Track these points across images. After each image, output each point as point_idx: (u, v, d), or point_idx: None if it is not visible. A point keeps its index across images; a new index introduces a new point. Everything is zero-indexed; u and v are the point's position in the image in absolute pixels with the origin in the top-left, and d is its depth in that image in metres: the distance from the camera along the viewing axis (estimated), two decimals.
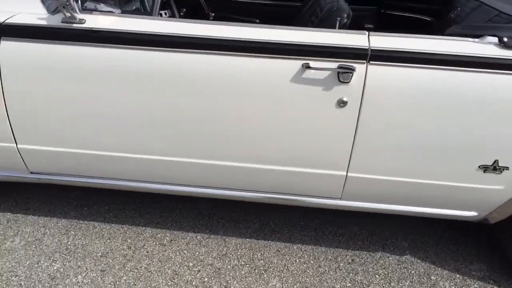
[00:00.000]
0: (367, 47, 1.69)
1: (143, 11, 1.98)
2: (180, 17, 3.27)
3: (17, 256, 1.99)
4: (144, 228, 2.25)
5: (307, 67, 1.69)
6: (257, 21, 3.20)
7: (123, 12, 1.87)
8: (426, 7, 3.12)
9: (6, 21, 1.75)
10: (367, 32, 1.75)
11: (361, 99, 1.73)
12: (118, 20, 1.79)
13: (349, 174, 1.89)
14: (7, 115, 1.85)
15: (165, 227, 2.26)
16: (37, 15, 1.79)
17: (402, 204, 1.99)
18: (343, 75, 1.70)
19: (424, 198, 1.94)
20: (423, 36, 1.74)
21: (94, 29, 1.74)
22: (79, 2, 1.71)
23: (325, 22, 2.01)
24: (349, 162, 1.86)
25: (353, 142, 1.81)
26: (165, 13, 2.43)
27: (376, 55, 1.69)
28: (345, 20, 1.94)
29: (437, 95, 1.70)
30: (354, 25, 3.01)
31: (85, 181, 2.05)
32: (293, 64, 1.71)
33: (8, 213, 2.27)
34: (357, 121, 1.77)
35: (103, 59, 1.75)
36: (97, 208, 2.37)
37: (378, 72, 1.70)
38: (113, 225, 2.25)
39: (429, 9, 3.11)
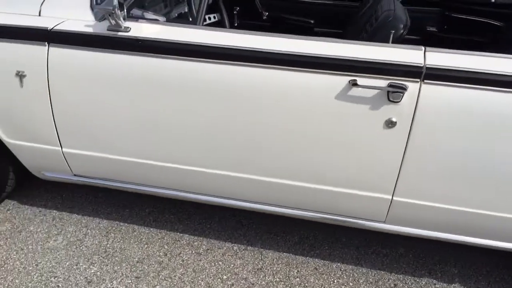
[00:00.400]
0: (422, 65, 1.56)
1: (189, 17, 1.94)
2: (233, 16, 3.25)
3: (58, 256, 2.04)
4: (181, 234, 2.24)
5: (354, 84, 1.59)
6: (312, 21, 3.10)
7: (168, 20, 1.84)
8: (495, 10, 2.88)
9: (55, 28, 1.78)
10: (423, 48, 1.61)
11: (412, 120, 1.60)
12: (163, 29, 1.76)
13: (394, 198, 1.77)
14: (54, 119, 1.89)
15: (203, 235, 2.24)
16: (84, 22, 1.80)
17: (451, 232, 1.84)
18: (393, 94, 1.58)
19: (477, 229, 1.79)
20: (486, 54, 1.59)
21: (138, 38, 1.72)
22: (125, 10, 1.70)
23: (379, 32, 1.88)
24: (395, 185, 1.74)
25: (401, 165, 1.69)
26: (214, 17, 2.38)
27: (432, 73, 1.55)
28: (401, 31, 1.80)
29: (498, 119, 1.54)
30: (416, 27, 2.85)
31: (126, 187, 2.07)
32: (339, 80, 1.61)
33: (55, 211, 2.34)
34: (406, 143, 1.64)
35: (147, 68, 1.73)
36: (138, 211, 2.39)
37: (433, 92, 1.57)
38: (152, 229, 2.26)
39: (499, 12, 2.87)
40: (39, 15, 1.85)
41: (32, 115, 1.90)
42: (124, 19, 1.70)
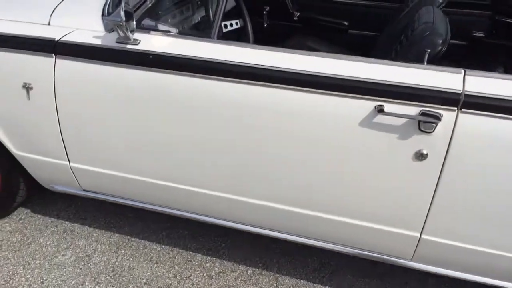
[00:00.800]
0: (460, 91, 1.36)
1: (203, 28, 1.81)
2: (263, 16, 3.09)
3: (64, 274, 1.97)
4: (194, 254, 2.12)
5: (380, 110, 1.41)
6: (346, 23, 2.90)
7: (182, 31, 1.71)
8: None
9: (62, 39, 1.68)
10: (462, 71, 1.41)
11: (446, 153, 1.41)
12: (174, 42, 1.63)
13: (423, 236, 1.58)
14: (61, 133, 1.80)
15: (216, 255, 2.12)
16: (94, 33, 1.69)
17: (486, 276, 1.64)
18: (425, 124, 1.39)
19: None
20: None
21: (147, 52, 1.60)
22: (134, 22, 1.58)
23: (414, 48, 1.68)
24: (424, 223, 1.55)
25: (431, 201, 1.50)
26: (236, 23, 2.24)
27: (472, 101, 1.36)
28: (439, 48, 1.59)
29: None
30: (462, 31, 2.61)
31: (135, 204, 1.97)
32: (364, 105, 1.44)
33: (67, 222, 2.28)
34: (438, 178, 1.46)
35: (156, 83, 1.61)
36: (151, 224, 2.29)
37: (472, 122, 1.37)
38: (163, 246, 2.16)
39: None
40: (49, 24, 1.76)
41: (40, 129, 1.83)
42: (133, 31, 1.58)
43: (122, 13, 1.50)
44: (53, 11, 1.79)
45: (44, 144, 1.87)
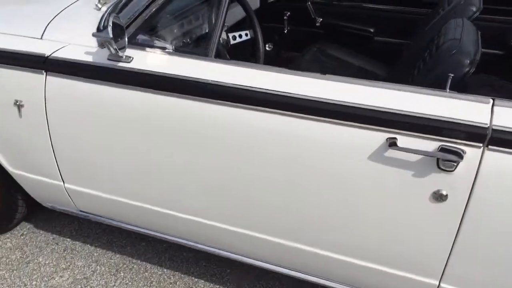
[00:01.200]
0: (487, 125, 1.16)
1: (203, 44, 1.67)
2: (283, 22, 2.92)
3: None
4: (196, 280, 1.99)
5: (392, 144, 1.22)
6: (372, 30, 2.70)
7: (177, 48, 1.57)
8: None
9: (52, 55, 1.58)
10: (490, 101, 1.20)
11: (469, 195, 1.21)
12: (168, 60, 1.49)
13: (442, 284, 1.39)
14: (54, 153, 1.71)
15: (220, 282, 1.98)
16: (86, 48, 1.58)
17: None
18: (445, 162, 1.19)
19: None
20: None
21: (138, 70, 1.48)
22: (126, 38, 1.45)
23: (436, 68, 1.48)
24: (443, 270, 1.36)
25: (452, 247, 1.31)
26: (246, 34, 2.08)
27: (501, 138, 1.15)
28: (466, 70, 1.39)
29: None
30: (498, 40, 2.36)
31: (132, 228, 1.86)
32: (374, 136, 1.26)
33: (68, 239, 2.19)
34: (460, 222, 1.26)
35: (150, 104, 1.48)
36: (154, 245, 2.17)
37: (500, 161, 1.17)
38: (165, 270, 2.03)
39: None
40: (41, 38, 1.66)
41: (33, 147, 1.73)
42: (122, 48, 1.45)
43: (110, 30, 1.37)
44: (48, 23, 1.69)
45: (38, 164, 1.78)
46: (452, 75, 1.27)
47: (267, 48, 3.11)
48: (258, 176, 1.45)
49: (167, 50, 1.54)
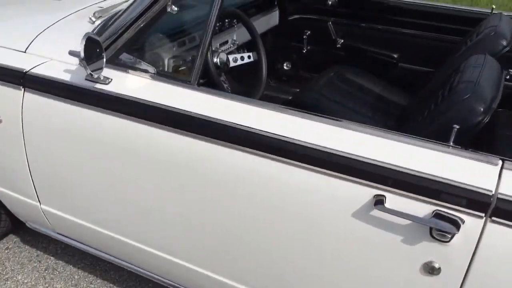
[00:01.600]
0: (492, 192, 0.97)
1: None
2: (303, 40, 2.77)
3: None
4: None
5: (379, 202, 1.05)
6: (395, 55, 2.51)
7: (160, 73, 1.44)
8: None
9: (31, 71, 1.49)
10: (499, 162, 1.01)
11: (466, 273, 1.02)
12: (148, 84, 1.37)
13: None
14: (30, 173, 1.62)
15: None
16: (67, 65, 1.48)
17: None
18: (439, 232, 1.01)
19: None
20: None
21: (114, 94, 1.36)
22: (104, 58, 1.33)
23: (445, 114, 1.28)
24: None
25: None
26: (249, 56, 1.94)
27: (507, 209, 0.96)
28: (478, 119, 1.19)
29: None
30: None
31: (108, 258, 1.74)
32: (359, 192, 1.09)
33: (52, 257, 2.10)
34: None
35: (127, 131, 1.36)
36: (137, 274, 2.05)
37: (505, 236, 0.97)
38: None
39: None
40: (25, 51, 1.58)
41: (11, 165, 1.65)
42: (97, 70, 1.34)
43: (82, 51, 1.26)
44: (36, 37, 1.61)
45: (16, 182, 1.69)
46: (457, 126, 1.08)
47: (284, 67, 2.97)
48: (234, 217, 1.30)
49: (149, 73, 1.42)
